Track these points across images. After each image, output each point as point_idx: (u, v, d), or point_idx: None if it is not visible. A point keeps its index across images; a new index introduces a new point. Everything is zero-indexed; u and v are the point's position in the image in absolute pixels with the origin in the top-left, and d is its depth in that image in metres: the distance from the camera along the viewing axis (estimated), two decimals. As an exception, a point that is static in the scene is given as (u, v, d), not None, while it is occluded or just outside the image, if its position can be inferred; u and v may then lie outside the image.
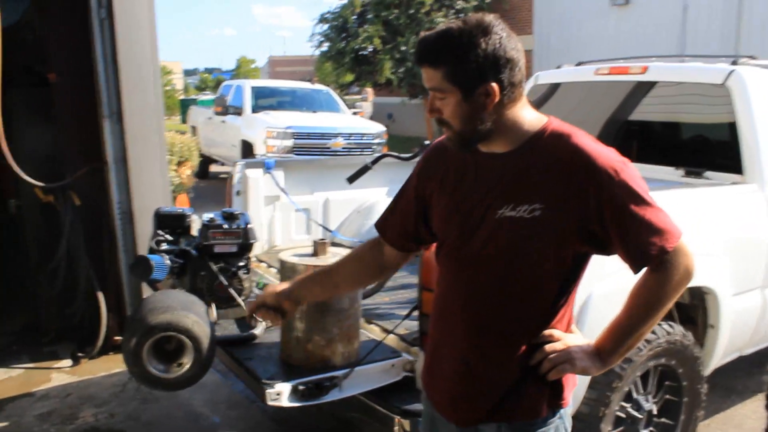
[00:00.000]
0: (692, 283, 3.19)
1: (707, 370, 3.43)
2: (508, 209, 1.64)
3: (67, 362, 4.55)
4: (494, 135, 1.66)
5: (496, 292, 1.69)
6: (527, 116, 1.69)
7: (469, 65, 1.57)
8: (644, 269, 1.66)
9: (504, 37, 1.60)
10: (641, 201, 1.60)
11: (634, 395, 3.09)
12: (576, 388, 2.79)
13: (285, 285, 2.02)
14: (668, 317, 3.29)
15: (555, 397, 1.75)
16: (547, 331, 1.70)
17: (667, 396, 3.24)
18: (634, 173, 1.62)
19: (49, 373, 4.40)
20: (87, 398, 4.06)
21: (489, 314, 1.71)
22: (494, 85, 1.59)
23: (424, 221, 1.86)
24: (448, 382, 1.79)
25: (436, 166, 1.82)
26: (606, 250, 1.67)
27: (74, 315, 4.79)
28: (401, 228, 1.91)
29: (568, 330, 1.77)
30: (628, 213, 1.59)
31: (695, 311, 3.47)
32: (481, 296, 1.71)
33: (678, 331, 3.13)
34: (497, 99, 1.60)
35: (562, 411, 1.78)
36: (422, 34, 1.65)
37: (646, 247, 1.61)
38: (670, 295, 1.67)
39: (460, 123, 1.63)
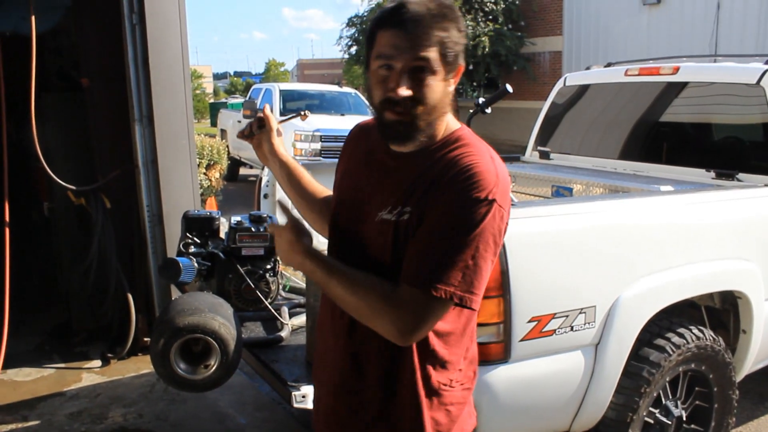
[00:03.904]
0: (724, 288, 3.18)
1: (739, 376, 3.37)
2: (385, 212, 1.52)
3: (97, 362, 4.62)
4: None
5: None
6: (447, 119, 1.57)
7: (460, 43, 1.48)
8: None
9: None
10: (466, 237, 1.41)
11: (663, 401, 3.04)
12: (603, 392, 2.77)
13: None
14: (698, 321, 3.24)
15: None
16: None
17: (697, 402, 3.18)
18: (493, 217, 1.42)
19: (80, 373, 4.47)
20: (116, 398, 4.12)
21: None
22: (461, 66, 1.51)
23: None
24: (329, 395, 1.69)
25: (356, 147, 1.72)
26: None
27: (104, 316, 4.86)
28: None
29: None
30: (446, 233, 1.42)
31: (727, 316, 3.41)
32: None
33: (708, 335, 3.08)
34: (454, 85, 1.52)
35: None
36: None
37: (426, 268, 1.43)
38: (371, 304, 1.46)
39: (433, 104, 1.48)
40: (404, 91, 1.44)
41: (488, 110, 3.97)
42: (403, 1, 1.45)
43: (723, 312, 3.42)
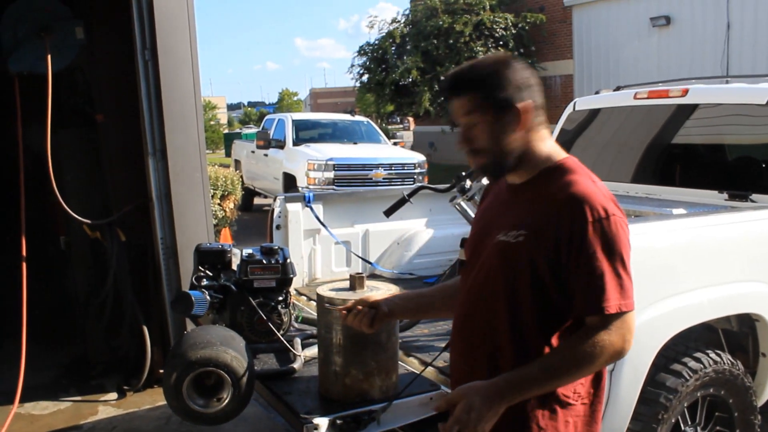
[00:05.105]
0: (740, 311, 3.14)
1: (760, 401, 3.31)
2: (502, 234, 1.74)
3: (113, 395, 4.63)
4: (518, 165, 1.76)
5: (481, 315, 1.79)
6: (545, 149, 1.78)
7: (500, 86, 1.71)
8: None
9: (523, 67, 1.76)
10: (607, 253, 1.62)
11: (682, 427, 2.99)
12: (619, 420, 2.73)
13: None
14: (716, 345, 3.20)
15: None
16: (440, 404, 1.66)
17: (718, 428, 3.13)
18: (616, 227, 1.64)
19: (96, 406, 4.48)
20: (132, 431, 4.11)
21: (475, 334, 1.81)
22: (522, 105, 1.71)
23: None
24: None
25: (489, 193, 1.99)
26: (567, 296, 1.67)
27: (120, 348, 4.88)
28: None
29: None
30: (588, 259, 1.61)
31: (745, 339, 3.36)
32: (471, 317, 1.83)
33: (726, 359, 3.03)
34: (525, 122, 1.71)
35: None
36: (451, 70, 1.80)
37: (590, 297, 1.62)
38: (581, 358, 1.62)
39: (492, 145, 1.73)
40: (460, 146, 1.78)
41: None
42: (451, 72, 1.79)
43: (741, 335, 3.38)
